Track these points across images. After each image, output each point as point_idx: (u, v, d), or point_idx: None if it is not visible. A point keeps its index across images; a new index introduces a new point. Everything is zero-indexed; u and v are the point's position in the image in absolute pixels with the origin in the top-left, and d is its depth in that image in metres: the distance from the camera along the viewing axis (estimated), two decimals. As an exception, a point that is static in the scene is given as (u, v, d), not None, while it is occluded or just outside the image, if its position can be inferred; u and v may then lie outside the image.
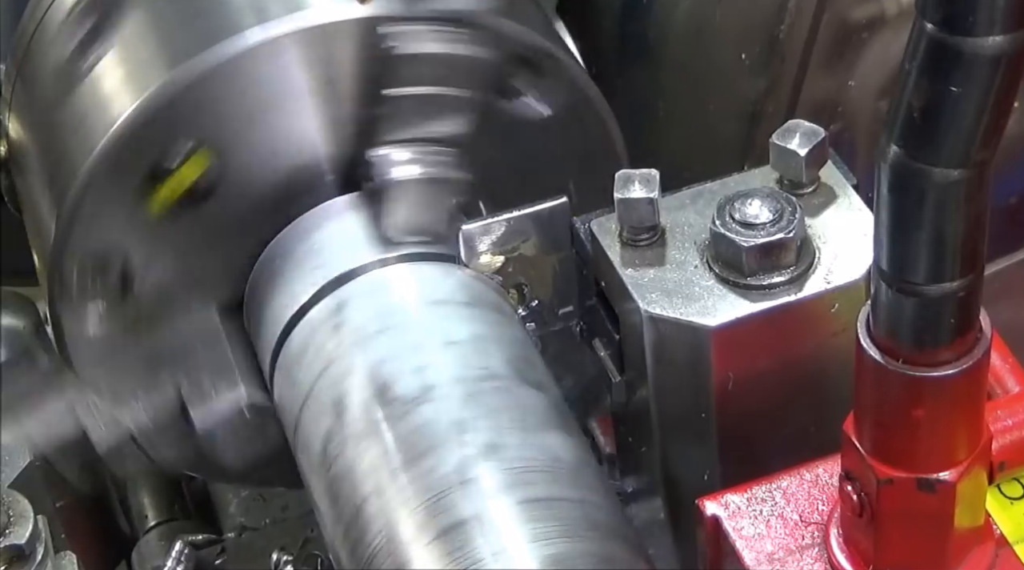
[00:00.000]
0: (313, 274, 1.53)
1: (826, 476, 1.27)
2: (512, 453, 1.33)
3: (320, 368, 1.46)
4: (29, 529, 1.31)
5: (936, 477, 1.13)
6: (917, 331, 1.07)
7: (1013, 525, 1.24)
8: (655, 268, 1.39)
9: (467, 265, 1.49)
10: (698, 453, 1.42)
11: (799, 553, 1.24)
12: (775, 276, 1.36)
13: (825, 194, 1.42)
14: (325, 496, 1.40)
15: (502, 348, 1.44)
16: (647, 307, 1.36)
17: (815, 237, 1.38)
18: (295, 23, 1.50)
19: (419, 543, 1.29)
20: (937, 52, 0.95)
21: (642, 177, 1.39)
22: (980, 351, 1.08)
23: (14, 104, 1.73)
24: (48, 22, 1.69)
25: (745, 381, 1.37)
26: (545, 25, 1.64)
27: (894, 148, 0.99)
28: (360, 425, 1.39)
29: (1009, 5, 0.92)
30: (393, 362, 1.41)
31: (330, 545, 1.41)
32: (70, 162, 1.55)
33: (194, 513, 2.04)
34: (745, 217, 1.35)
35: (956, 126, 0.97)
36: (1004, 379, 1.33)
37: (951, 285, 1.04)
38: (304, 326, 1.50)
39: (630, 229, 1.40)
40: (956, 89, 0.95)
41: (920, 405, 1.09)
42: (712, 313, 1.35)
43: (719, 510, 1.27)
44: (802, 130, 1.40)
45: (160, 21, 1.60)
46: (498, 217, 1.48)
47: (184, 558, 1.81)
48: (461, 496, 1.30)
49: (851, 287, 1.36)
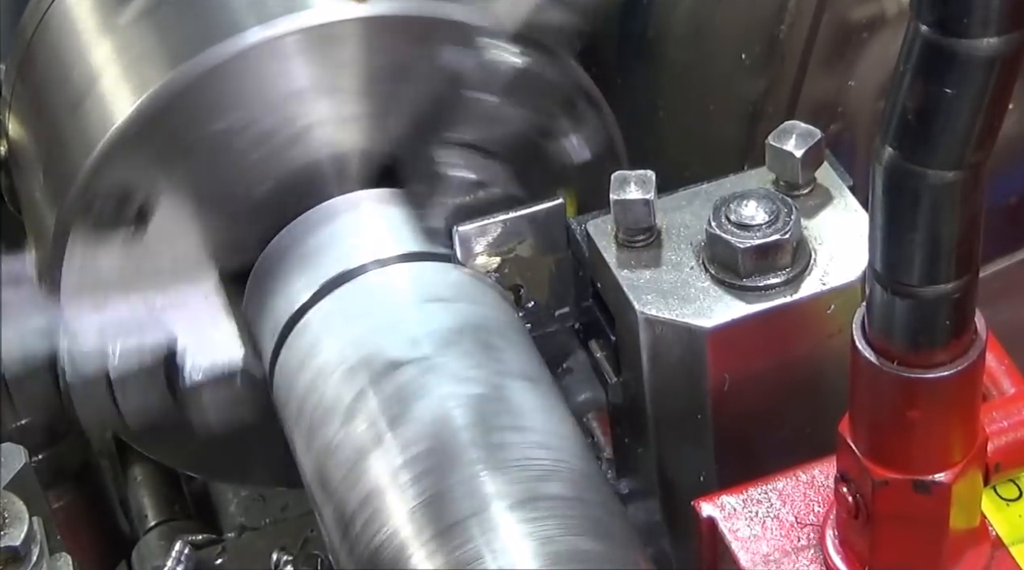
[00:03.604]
0: (313, 274, 1.53)
1: (822, 477, 1.28)
2: (511, 452, 1.33)
3: (319, 368, 1.46)
4: (24, 531, 1.30)
5: (932, 479, 1.13)
6: (912, 333, 1.07)
7: (1009, 526, 1.24)
8: (651, 269, 1.39)
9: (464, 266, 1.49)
10: (694, 454, 1.42)
11: (795, 554, 1.24)
12: (771, 277, 1.36)
13: (821, 195, 1.42)
14: (325, 495, 1.40)
15: (502, 347, 1.44)
16: (643, 308, 1.36)
17: (811, 238, 1.38)
18: (295, 23, 1.51)
19: (418, 542, 1.29)
20: (932, 54, 0.95)
21: (638, 178, 1.39)
22: (975, 353, 1.08)
23: (14, 104, 1.73)
24: (48, 22, 1.69)
25: (741, 382, 1.37)
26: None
27: (889, 150, 0.99)
28: (359, 425, 1.39)
29: (1003, 7, 0.92)
30: (392, 362, 1.41)
31: (330, 545, 1.41)
32: (71, 162, 1.55)
33: (194, 513, 2.03)
34: (741, 218, 1.35)
35: (951, 128, 0.97)
36: (1000, 380, 1.32)
37: (946, 287, 1.04)
38: (303, 326, 1.50)
39: (626, 230, 1.40)
40: (951, 91, 0.95)
41: (915, 407, 1.09)
42: (708, 314, 1.35)
43: (715, 511, 1.27)
44: (798, 131, 1.40)
45: (161, 21, 1.60)
46: (494, 218, 1.48)
47: (184, 558, 1.81)
48: (460, 495, 1.30)
49: (847, 288, 1.36)
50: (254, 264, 1.59)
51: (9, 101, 1.74)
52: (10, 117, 1.74)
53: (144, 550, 1.94)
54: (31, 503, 1.34)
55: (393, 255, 1.52)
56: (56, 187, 1.58)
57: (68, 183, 1.54)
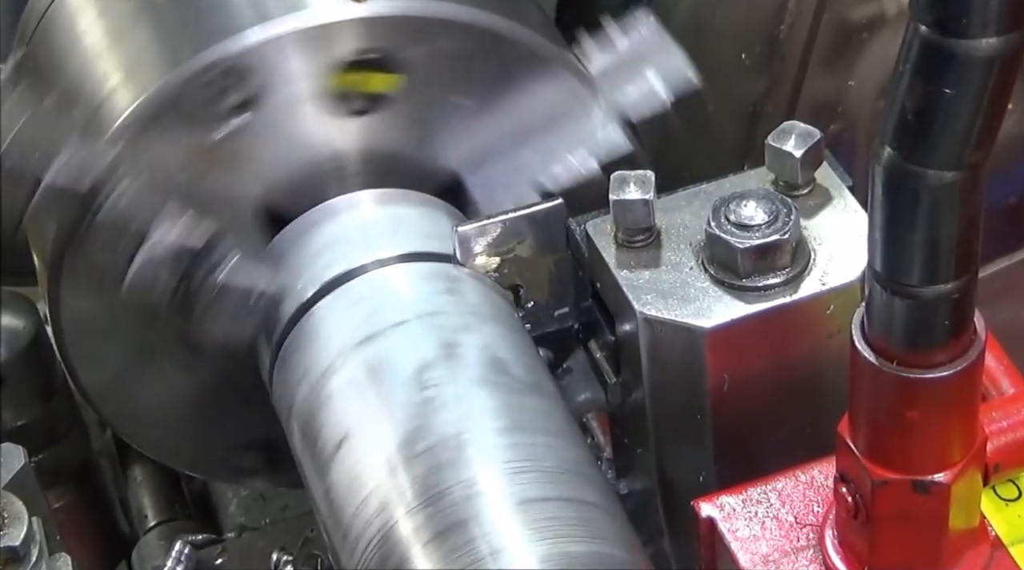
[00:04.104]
0: (312, 273, 1.53)
1: (821, 478, 1.27)
2: (512, 453, 1.33)
3: (320, 366, 1.46)
4: (24, 531, 1.30)
5: (931, 479, 1.12)
6: (911, 333, 1.06)
7: (1008, 527, 1.24)
8: (650, 270, 1.39)
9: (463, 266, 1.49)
10: (694, 454, 1.42)
11: (794, 555, 1.24)
12: (770, 278, 1.36)
13: (821, 195, 1.41)
14: (325, 495, 1.40)
15: (502, 347, 1.44)
16: (642, 309, 1.36)
17: (810, 239, 1.38)
18: (295, 22, 1.51)
19: (418, 542, 1.29)
20: (931, 54, 0.95)
21: (637, 178, 1.39)
22: (974, 353, 1.08)
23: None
24: (48, 22, 1.69)
25: (740, 383, 1.37)
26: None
27: (888, 150, 0.99)
28: (359, 424, 1.39)
29: (1002, 7, 0.92)
30: (392, 362, 1.42)
31: (330, 545, 1.41)
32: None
33: (194, 513, 2.04)
34: (740, 219, 1.35)
35: (950, 128, 0.97)
36: (999, 381, 1.32)
37: (945, 287, 1.03)
38: (304, 325, 1.50)
39: (625, 230, 1.40)
40: (950, 91, 0.95)
41: (915, 407, 1.09)
42: (707, 315, 1.35)
43: (714, 512, 1.27)
44: (798, 131, 1.40)
45: (161, 21, 1.60)
46: (494, 218, 1.48)
47: (184, 558, 1.82)
48: (461, 496, 1.30)
49: (846, 289, 1.36)
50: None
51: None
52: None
53: (144, 550, 1.94)
54: (30, 503, 1.34)
55: (393, 255, 1.51)
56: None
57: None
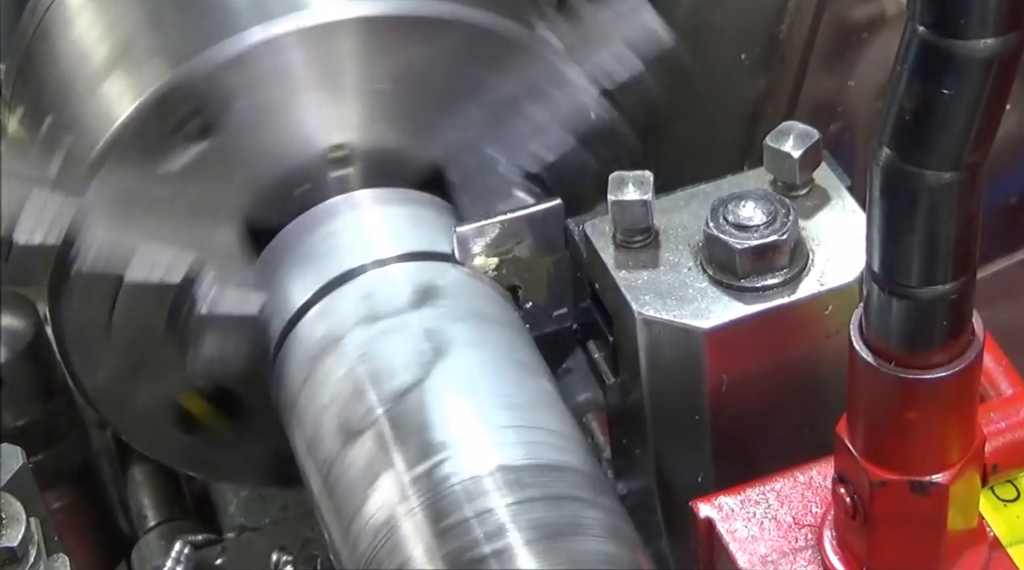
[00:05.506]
0: (312, 274, 1.53)
1: (820, 478, 1.27)
2: (512, 452, 1.33)
3: (319, 367, 1.46)
4: (22, 531, 1.30)
5: (929, 479, 1.13)
6: (909, 334, 1.06)
7: (1007, 527, 1.24)
8: (649, 270, 1.39)
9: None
10: (692, 455, 1.42)
11: (792, 555, 1.24)
12: (769, 278, 1.36)
13: (819, 196, 1.41)
14: (325, 495, 1.40)
15: (501, 346, 1.44)
16: (641, 309, 1.36)
17: (809, 239, 1.38)
18: (296, 22, 1.51)
19: (419, 542, 1.29)
20: (929, 55, 0.95)
21: (636, 179, 1.39)
22: (973, 353, 1.08)
23: (14, 104, 1.73)
24: (48, 22, 1.69)
25: (739, 383, 1.37)
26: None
27: (886, 150, 0.99)
28: (359, 423, 1.39)
29: (1001, 8, 0.92)
30: (391, 360, 1.42)
31: (330, 544, 1.41)
32: (70, 164, 1.55)
33: (194, 513, 2.03)
34: (739, 219, 1.35)
35: (948, 129, 0.97)
36: (997, 381, 1.32)
37: (943, 288, 1.03)
38: (303, 326, 1.50)
39: (624, 231, 1.40)
40: (948, 92, 0.95)
41: (913, 408, 1.09)
42: (706, 315, 1.35)
43: (713, 512, 1.27)
44: (796, 132, 1.40)
45: (161, 21, 1.60)
46: (492, 219, 1.48)
47: (184, 558, 1.82)
48: (462, 494, 1.30)
49: (845, 289, 1.36)
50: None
51: (9, 101, 1.74)
52: (10, 117, 1.74)
53: (144, 550, 1.93)
54: (28, 504, 1.34)
55: (393, 255, 1.51)
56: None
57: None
